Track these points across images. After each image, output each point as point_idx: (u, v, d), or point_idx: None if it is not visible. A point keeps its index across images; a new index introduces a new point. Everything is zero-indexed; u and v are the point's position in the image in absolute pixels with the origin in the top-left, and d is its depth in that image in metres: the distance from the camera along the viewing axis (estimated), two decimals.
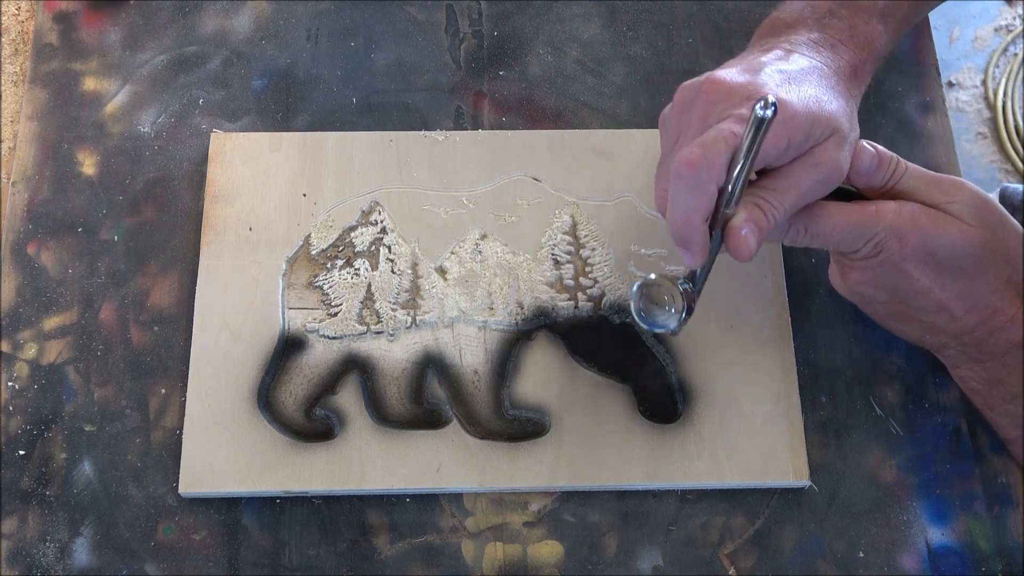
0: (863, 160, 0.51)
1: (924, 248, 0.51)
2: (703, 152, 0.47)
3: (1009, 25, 1.66)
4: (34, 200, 0.66)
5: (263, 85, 0.70)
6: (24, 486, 0.59)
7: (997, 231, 0.52)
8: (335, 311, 0.62)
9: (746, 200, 0.49)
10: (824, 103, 0.50)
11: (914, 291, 0.52)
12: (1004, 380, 0.54)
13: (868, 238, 0.51)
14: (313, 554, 0.58)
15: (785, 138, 0.48)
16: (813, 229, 0.51)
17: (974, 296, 0.52)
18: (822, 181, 0.49)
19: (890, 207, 0.51)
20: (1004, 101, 1.60)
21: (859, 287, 0.54)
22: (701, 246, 0.49)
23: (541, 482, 0.59)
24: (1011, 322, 0.53)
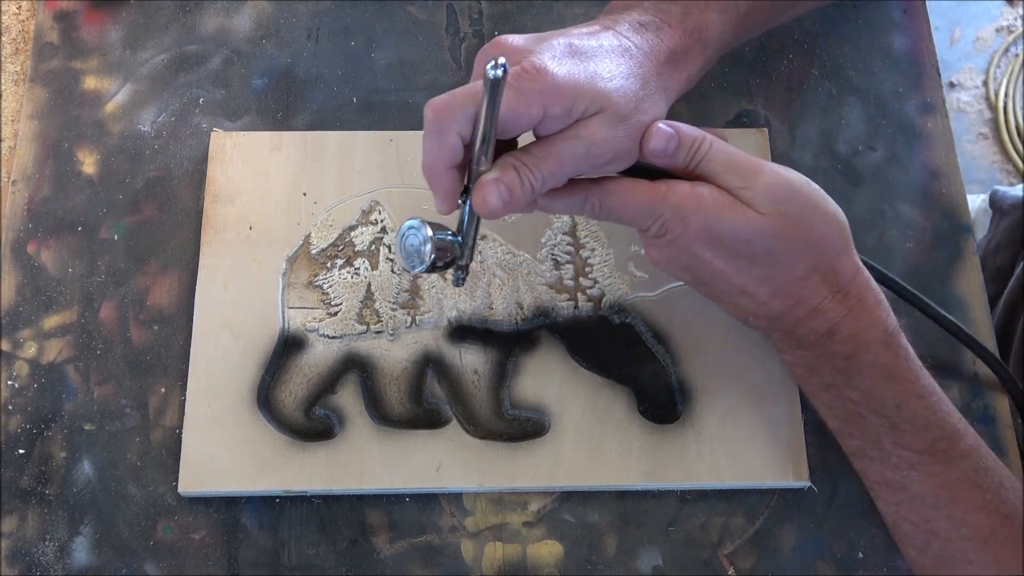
0: (656, 141, 0.51)
1: (707, 232, 0.50)
2: (449, 101, 0.48)
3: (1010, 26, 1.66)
4: (34, 199, 0.66)
5: (263, 84, 0.70)
6: (24, 485, 0.59)
7: (797, 219, 0.50)
8: (335, 311, 0.62)
9: (503, 160, 0.49)
10: (600, 80, 0.49)
11: (711, 273, 0.52)
12: (818, 369, 0.54)
13: (655, 217, 0.50)
14: (313, 553, 0.58)
15: (540, 105, 0.48)
16: (606, 204, 0.52)
17: (775, 283, 0.51)
18: (583, 155, 0.49)
19: (680, 188, 0.50)
20: (1005, 102, 1.60)
21: (660, 265, 0.54)
22: (446, 192, 0.50)
23: (541, 482, 0.59)
24: (818, 311, 0.52)
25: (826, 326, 0.52)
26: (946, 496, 0.51)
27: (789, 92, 0.70)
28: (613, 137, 0.50)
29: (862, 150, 0.68)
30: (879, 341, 0.52)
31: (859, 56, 0.71)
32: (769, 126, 0.68)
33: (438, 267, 0.53)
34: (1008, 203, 0.92)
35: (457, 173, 0.50)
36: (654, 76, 0.52)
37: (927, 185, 0.67)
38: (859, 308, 0.52)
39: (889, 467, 0.53)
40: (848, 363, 0.52)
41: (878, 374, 0.52)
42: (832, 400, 0.54)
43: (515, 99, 0.47)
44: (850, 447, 0.55)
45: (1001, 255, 0.89)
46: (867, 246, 0.65)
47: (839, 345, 0.52)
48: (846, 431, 0.55)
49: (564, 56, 0.50)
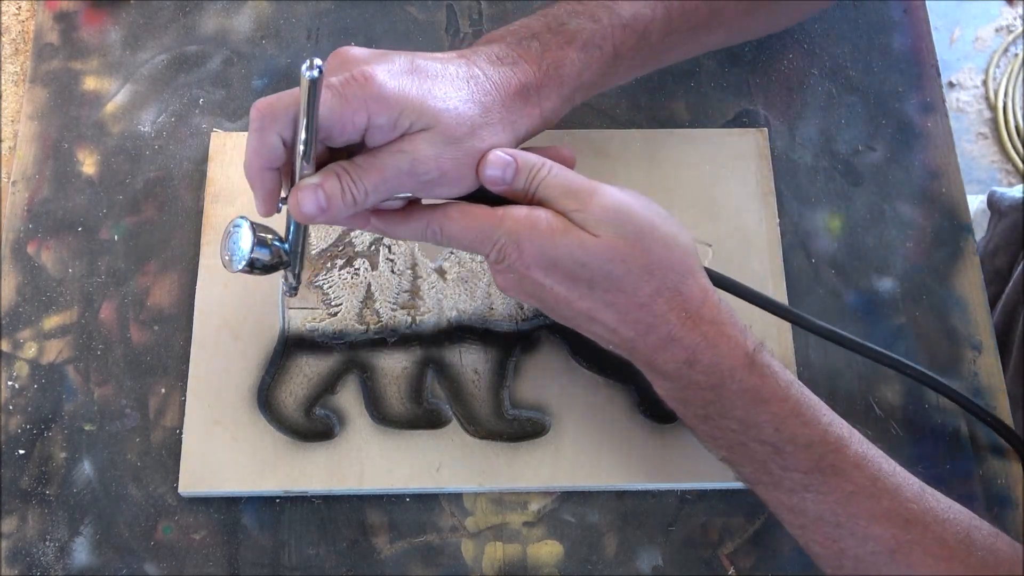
0: (491, 168, 0.50)
1: (544, 256, 0.49)
2: (272, 101, 0.48)
3: (1010, 25, 1.66)
4: (34, 199, 0.66)
5: (263, 85, 0.70)
6: (24, 485, 0.59)
7: (634, 242, 0.49)
8: (335, 311, 0.62)
9: (328, 168, 0.49)
10: (433, 99, 0.49)
11: (555, 299, 0.51)
12: (688, 400, 0.52)
13: (492, 243, 0.50)
14: (313, 554, 0.58)
15: (364, 113, 0.47)
16: (445, 229, 0.51)
17: (619, 307, 0.50)
18: (407, 171, 0.49)
19: (516, 213, 0.50)
20: (1005, 101, 1.60)
21: (507, 292, 0.53)
22: (264, 194, 0.50)
23: (541, 482, 0.59)
24: (671, 340, 0.50)
25: (684, 355, 0.50)
26: (844, 513, 0.49)
27: (789, 92, 0.70)
28: (438, 156, 0.49)
29: (862, 150, 0.68)
30: (742, 366, 0.50)
31: (859, 56, 0.71)
32: (769, 126, 0.68)
33: (257, 268, 0.52)
34: (1006, 204, 0.92)
35: (276, 175, 0.50)
36: (499, 107, 0.51)
37: (927, 185, 0.67)
38: (714, 333, 0.50)
39: (784, 491, 0.51)
40: (715, 393, 0.50)
41: (749, 399, 0.50)
42: (712, 431, 0.52)
43: (339, 104, 0.47)
44: (744, 475, 0.53)
45: (1000, 256, 0.89)
46: (867, 246, 0.66)
47: (702, 375, 0.50)
48: (735, 460, 0.53)
49: (401, 72, 0.49)
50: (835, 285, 0.64)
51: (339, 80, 0.47)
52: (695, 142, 0.67)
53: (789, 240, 0.65)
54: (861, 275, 0.65)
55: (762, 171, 0.66)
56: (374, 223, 0.52)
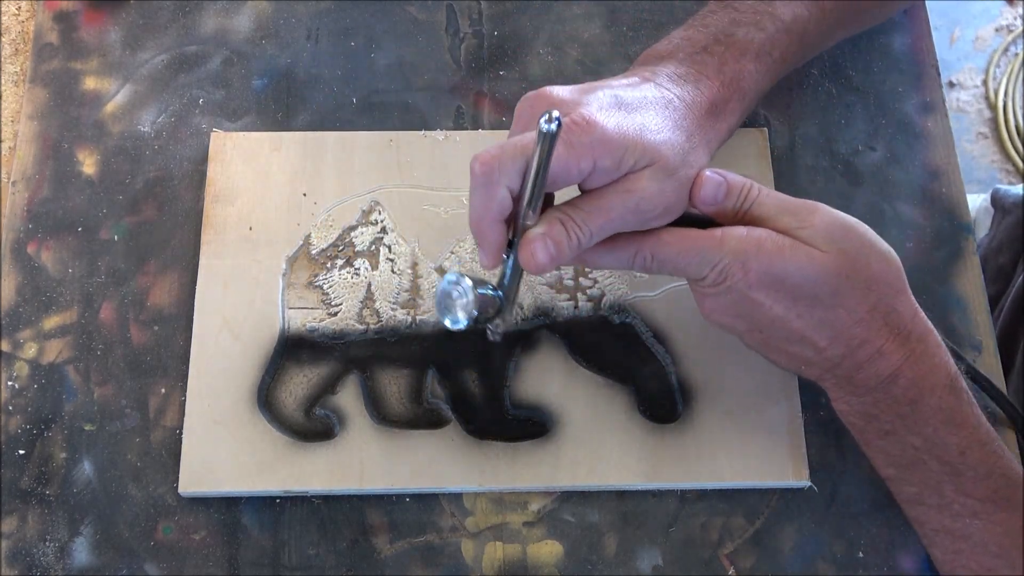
0: (706, 189, 0.50)
1: (770, 275, 0.49)
2: (497, 154, 0.47)
3: (1010, 25, 1.66)
4: (34, 199, 0.66)
5: (263, 85, 0.70)
6: (24, 486, 0.59)
7: (856, 257, 0.50)
8: (335, 311, 0.62)
9: (551, 214, 0.48)
10: (649, 133, 0.49)
11: (769, 320, 0.51)
12: (877, 416, 0.52)
13: (712, 264, 0.49)
14: (313, 554, 0.58)
15: (590, 159, 0.47)
16: (659, 255, 0.50)
17: (836, 326, 0.50)
18: (632, 209, 0.49)
19: (737, 233, 0.50)
20: (1005, 101, 1.60)
21: (715, 316, 0.52)
22: (492, 247, 0.49)
23: (541, 482, 0.59)
24: (879, 354, 0.50)
25: (888, 370, 0.50)
26: (1010, 545, 0.50)
27: (789, 92, 0.70)
28: (662, 191, 0.49)
29: (862, 150, 0.68)
30: (943, 385, 0.51)
31: (859, 56, 0.71)
32: (769, 126, 0.68)
33: (480, 323, 0.51)
34: (1010, 201, 0.92)
35: (504, 227, 0.49)
36: (697, 128, 0.52)
37: (927, 185, 0.67)
38: (921, 351, 0.51)
39: (950, 515, 0.51)
40: (912, 408, 0.51)
41: (941, 419, 0.51)
42: (891, 447, 0.53)
43: (565, 152, 0.47)
44: (907, 494, 0.54)
45: (1004, 254, 0.89)
46: None
47: (902, 390, 0.51)
48: (903, 478, 0.53)
49: (611, 108, 0.49)
50: None
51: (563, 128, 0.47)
52: None
53: None
54: None
55: (762, 171, 0.66)
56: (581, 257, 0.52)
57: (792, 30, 0.56)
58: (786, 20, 0.56)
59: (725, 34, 0.55)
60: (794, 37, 0.57)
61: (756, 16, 0.56)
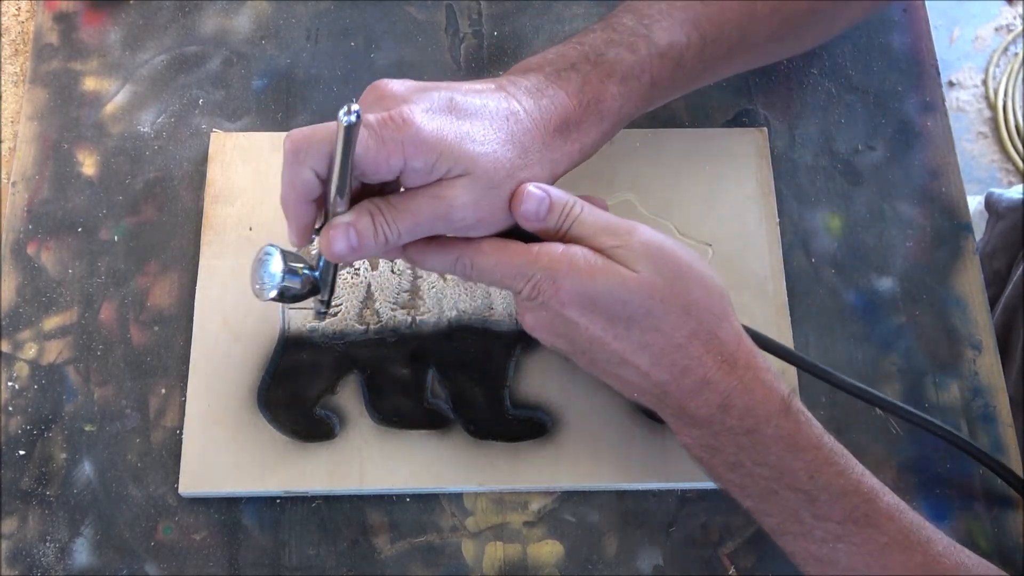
0: (527, 204, 0.49)
1: (582, 293, 0.48)
2: (308, 135, 0.47)
3: (1009, 25, 1.66)
4: (34, 200, 0.66)
5: (263, 85, 0.70)
6: (24, 486, 0.59)
7: (673, 280, 0.49)
8: (335, 311, 0.62)
9: (363, 205, 0.48)
10: (471, 143, 0.48)
11: (588, 340, 0.50)
12: (720, 448, 0.50)
13: (526, 278, 0.49)
14: (313, 554, 0.58)
15: (400, 156, 0.47)
16: (477, 264, 0.50)
17: (654, 349, 0.49)
18: (442, 216, 0.48)
19: (552, 249, 0.49)
20: (1004, 101, 1.60)
21: (535, 332, 0.52)
22: (298, 225, 0.50)
23: (541, 482, 0.59)
24: (706, 383, 0.49)
25: (718, 399, 0.49)
26: (877, 565, 0.49)
27: (789, 92, 0.70)
28: (476, 202, 0.48)
29: (862, 149, 0.68)
30: (777, 411, 0.49)
31: (859, 55, 0.71)
32: (769, 126, 0.68)
33: (287, 297, 0.52)
34: (1004, 206, 0.92)
35: (311, 207, 0.49)
36: (539, 145, 0.51)
37: (927, 184, 0.67)
38: (749, 378, 0.49)
39: (814, 542, 0.50)
40: (750, 438, 0.49)
41: (783, 445, 0.49)
42: (741, 479, 0.51)
43: (375, 146, 0.46)
44: (770, 525, 0.52)
45: (998, 258, 0.89)
46: (867, 245, 0.66)
47: (736, 420, 0.49)
48: (762, 509, 0.51)
49: (440, 111, 0.48)
50: (835, 285, 0.64)
51: (376, 119, 0.47)
52: (695, 142, 0.67)
53: (789, 240, 0.65)
54: (861, 275, 0.65)
55: (762, 171, 0.66)
56: (403, 253, 0.52)
57: (667, 56, 0.55)
58: (661, 45, 0.54)
59: (596, 53, 0.54)
60: (668, 63, 0.55)
61: (631, 38, 0.54)
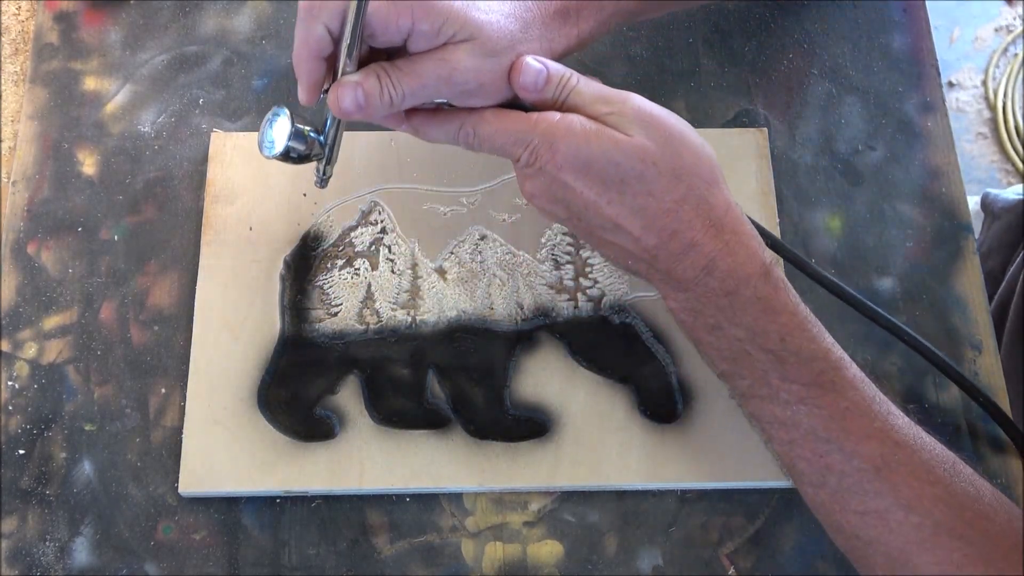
0: (525, 75, 0.52)
1: (578, 157, 0.50)
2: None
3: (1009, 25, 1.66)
4: (34, 199, 0.66)
5: (263, 85, 0.70)
6: (24, 485, 0.59)
7: (664, 145, 0.51)
8: (335, 311, 0.62)
9: (370, 67, 0.50)
10: (476, 10, 0.51)
11: (583, 205, 0.52)
12: (701, 311, 0.53)
13: (525, 144, 0.51)
14: (313, 554, 0.58)
15: (409, 17, 0.49)
16: (479, 131, 0.52)
17: (646, 214, 0.51)
18: (446, 79, 0.50)
19: (549, 116, 0.51)
20: (1004, 101, 1.60)
21: (536, 200, 0.54)
22: (307, 81, 0.51)
23: (541, 482, 0.59)
24: (693, 246, 0.51)
25: (703, 261, 0.51)
26: (836, 428, 0.51)
27: (789, 92, 0.70)
28: (478, 68, 0.51)
29: (862, 149, 0.68)
30: (757, 274, 0.52)
31: (859, 56, 0.71)
32: (769, 126, 0.68)
33: (292, 158, 0.53)
34: (999, 207, 0.92)
35: (322, 65, 0.51)
36: (538, 24, 0.53)
37: (927, 184, 0.67)
38: (734, 242, 0.51)
39: (779, 404, 0.52)
40: (729, 299, 0.52)
41: (760, 308, 0.52)
42: (719, 341, 0.53)
43: (386, 6, 0.49)
44: (740, 388, 0.54)
45: (993, 259, 0.89)
46: (867, 245, 0.66)
47: (718, 281, 0.51)
48: (735, 372, 0.53)
49: None
50: None
51: None
52: None
53: (789, 240, 0.65)
54: (861, 275, 0.65)
55: (762, 171, 0.66)
56: (408, 123, 0.54)
57: None
58: None
59: None
60: None
61: None
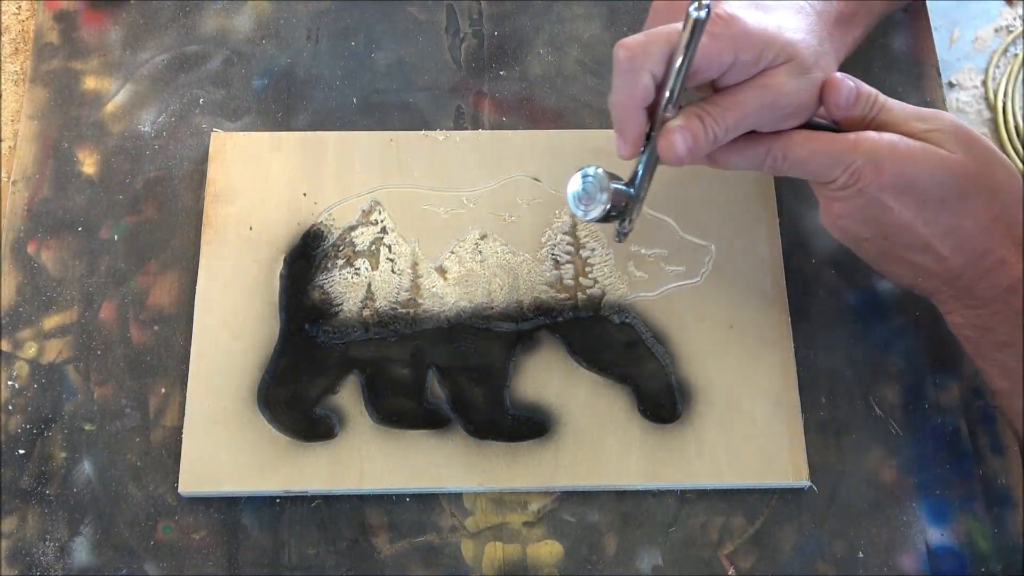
0: (840, 92, 0.51)
1: (903, 177, 0.50)
2: (643, 40, 0.49)
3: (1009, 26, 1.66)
4: (34, 199, 0.66)
5: (264, 84, 0.70)
6: (24, 485, 0.59)
7: (982, 163, 0.50)
8: (335, 311, 0.62)
9: (688, 109, 0.50)
10: (786, 31, 0.50)
11: (897, 226, 0.51)
12: (994, 328, 0.53)
13: (845, 166, 0.50)
14: (313, 554, 0.58)
15: (732, 51, 0.49)
16: (791, 155, 0.52)
17: (960, 234, 0.51)
18: (769, 105, 0.50)
19: (871, 135, 0.51)
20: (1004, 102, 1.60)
21: (841, 221, 0.53)
22: (632, 134, 0.51)
23: (541, 482, 0.59)
24: (1001, 264, 0.51)
25: (1007, 280, 0.51)
26: None
27: None
28: (798, 89, 0.50)
29: None
30: None
31: (859, 56, 0.71)
32: None
33: (610, 216, 0.53)
34: None
35: (644, 116, 0.50)
36: (827, 36, 0.53)
37: None
38: None
39: None
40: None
41: None
42: (1007, 359, 0.53)
43: (708, 43, 0.48)
44: (1017, 409, 0.54)
45: None
46: None
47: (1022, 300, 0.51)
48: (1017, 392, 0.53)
49: (749, 6, 0.51)
50: (835, 285, 0.64)
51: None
52: None
53: (789, 240, 0.65)
54: (861, 275, 0.65)
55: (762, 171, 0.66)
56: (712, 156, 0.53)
57: None
58: None
59: None
60: None
61: None
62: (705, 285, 0.62)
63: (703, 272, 0.63)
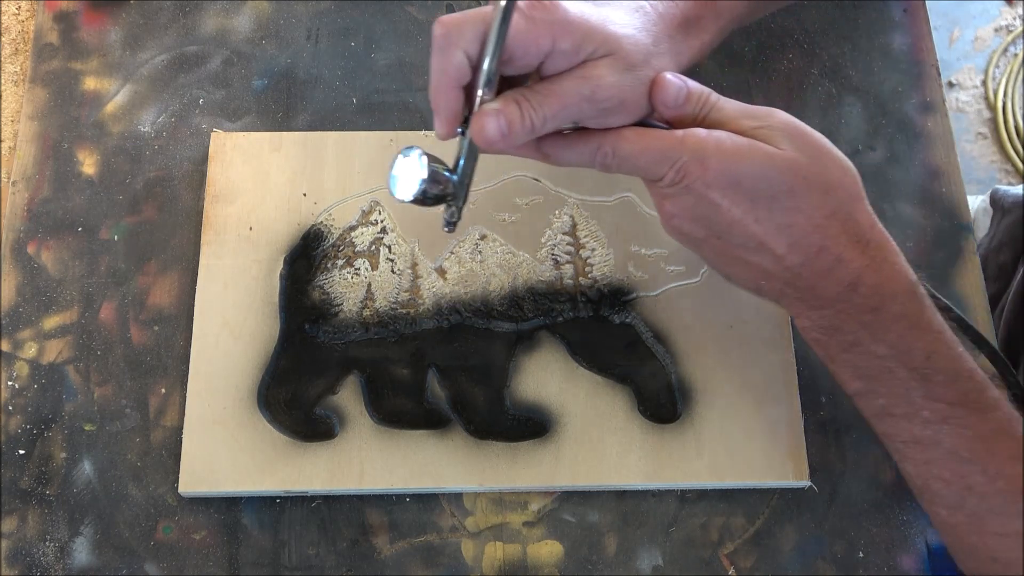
0: (667, 91, 0.50)
1: (728, 173, 0.49)
2: (459, 19, 0.48)
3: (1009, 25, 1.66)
4: (34, 199, 0.66)
5: (263, 85, 0.70)
6: (24, 485, 0.59)
7: (814, 159, 0.50)
8: (335, 311, 0.62)
9: (507, 94, 0.49)
10: (611, 25, 0.50)
11: (728, 224, 0.50)
12: (840, 327, 0.51)
13: (672, 162, 0.49)
14: (313, 554, 0.58)
15: (549, 37, 0.48)
16: (620, 151, 0.51)
17: (794, 231, 0.50)
18: (588, 97, 0.49)
19: (698, 133, 0.50)
20: (1004, 101, 1.60)
21: (675, 220, 0.52)
22: (445, 113, 0.49)
23: (541, 482, 0.59)
24: (839, 262, 0.50)
25: (849, 278, 0.50)
26: (981, 448, 0.50)
27: (789, 92, 0.70)
28: (619, 83, 0.49)
29: (862, 149, 0.68)
30: (904, 291, 0.50)
31: (859, 56, 0.71)
32: None
33: (427, 200, 0.51)
34: (1009, 201, 0.92)
35: (460, 95, 0.49)
36: (665, 37, 0.52)
37: (927, 184, 0.67)
38: (880, 258, 0.50)
39: (919, 423, 0.51)
40: (874, 316, 0.50)
41: (905, 324, 0.50)
42: (857, 359, 0.52)
43: (526, 27, 0.47)
44: (875, 408, 0.53)
45: (1004, 253, 0.89)
46: None
47: (863, 297, 0.50)
48: (871, 390, 0.52)
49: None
50: None
51: (525, 3, 0.48)
52: None
53: None
54: None
55: None
56: (539, 150, 0.52)
57: None
58: None
59: None
60: None
61: None
62: (705, 285, 0.62)
63: (703, 272, 0.63)
